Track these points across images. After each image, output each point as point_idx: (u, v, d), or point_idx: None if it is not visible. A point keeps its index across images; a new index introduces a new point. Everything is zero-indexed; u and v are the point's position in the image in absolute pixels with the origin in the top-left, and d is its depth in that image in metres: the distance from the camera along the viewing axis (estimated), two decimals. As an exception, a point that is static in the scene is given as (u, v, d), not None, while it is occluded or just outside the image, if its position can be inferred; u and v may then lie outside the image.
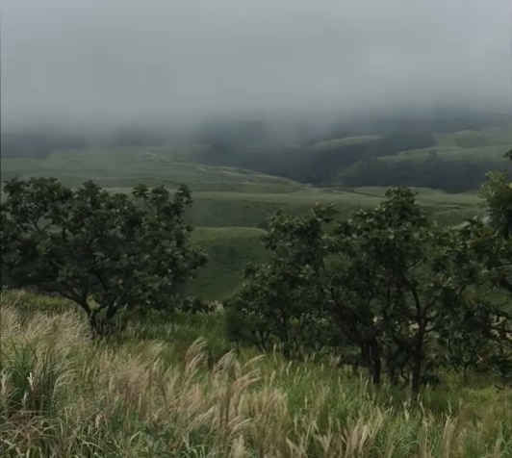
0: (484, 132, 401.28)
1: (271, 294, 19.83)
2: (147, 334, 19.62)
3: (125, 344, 10.43)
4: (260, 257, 44.74)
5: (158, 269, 17.97)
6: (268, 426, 6.13)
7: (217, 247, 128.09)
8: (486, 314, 14.14)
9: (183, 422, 5.18)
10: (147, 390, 5.46)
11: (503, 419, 8.61)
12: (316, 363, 13.14)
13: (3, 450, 4.25)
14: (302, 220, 16.71)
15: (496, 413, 10.61)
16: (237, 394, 6.57)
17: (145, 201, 19.47)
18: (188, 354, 5.88)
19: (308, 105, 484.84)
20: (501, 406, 11.30)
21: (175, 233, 19.09)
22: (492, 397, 17.07)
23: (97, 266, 17.76)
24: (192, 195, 20.35)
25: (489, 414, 10.60)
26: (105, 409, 4.79)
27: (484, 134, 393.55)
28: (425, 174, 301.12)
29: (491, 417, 9.74)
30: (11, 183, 19.03)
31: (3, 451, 4.26)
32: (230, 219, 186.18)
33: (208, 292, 79.69)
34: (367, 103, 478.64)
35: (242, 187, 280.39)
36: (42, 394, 4.62)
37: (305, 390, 8.40)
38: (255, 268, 23.19)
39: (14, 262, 18.18)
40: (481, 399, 17.17)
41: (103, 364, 6.41)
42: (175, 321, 25.61)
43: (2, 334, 5.83)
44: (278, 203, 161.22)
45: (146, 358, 6.23)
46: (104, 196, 18.85)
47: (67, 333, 5.95)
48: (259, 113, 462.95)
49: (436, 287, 14.17)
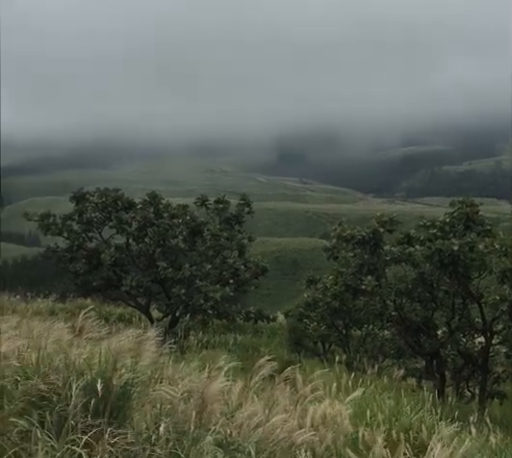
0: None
1: (333, 305, 19.71)
2: (209, 344, 19.74)
3: (188, 354, 10.52)
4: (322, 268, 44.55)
5: (220, 279, 18.05)
6: (331, 439, 6.08)
7: (278, 258, 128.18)
8: (555, 328, 13.76)
9: (246, 433, 5.18)
10: (211, 400, 5.48)
11: None
12: (379, 375, 13.00)
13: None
14: (364, 231, 16.58)
15: None
16: (299, 406, 6.55)
17: (207, 211, 19.62)
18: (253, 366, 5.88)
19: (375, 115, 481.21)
20: None
21: (237, 243, 19.14)
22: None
23: (160, 275, 17.94)
24: (253, 206, 20.37)
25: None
26: (170, 418, 4.83)
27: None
28: (490, 185, 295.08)
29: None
30: (76, 193, 19.45)
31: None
32: (291, 230, 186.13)
33: (269, 302, 79.68)
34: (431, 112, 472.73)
35: (303, 197, 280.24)
36: (114, 403, 4.69)
37: (368, 403, 8.31)
38: (317, 279, 23.09)
39: (80, 271, 18.52)
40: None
41: (167, 373, 6.48)
42: (237, 331, 25.69)
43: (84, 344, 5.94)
44: (340, 214, 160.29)
45: (210, 368, 6.25)
46: (167, 207, 19.08)
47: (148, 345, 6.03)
48: (325, 123, 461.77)
49: (502, 300, 13.87)
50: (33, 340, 6.50)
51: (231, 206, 19.93)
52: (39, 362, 5.44)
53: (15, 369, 5.35)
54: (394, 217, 16.74)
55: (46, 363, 5.42)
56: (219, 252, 18.70)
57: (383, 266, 16.71)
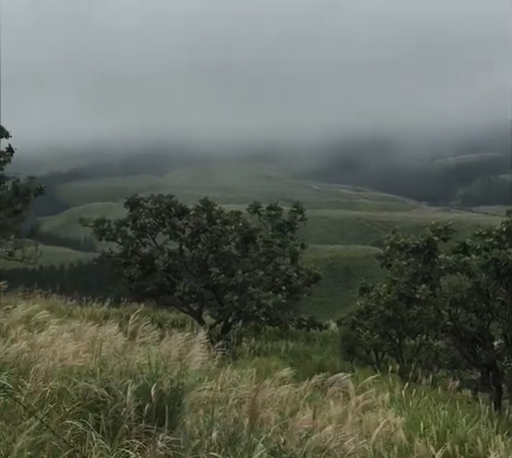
0: None
1: (387, 314, 19.50)
2: (262, 350, 19.73)
3: (240, 360, 10.53)
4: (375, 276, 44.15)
5: (272, 286, 18.04)
6: (384, 449, 5.99)
7: (331, 265, 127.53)
8: None
9: (298, 441, 5.15)
10: (264, 407, 5.47)
11: None
12: (433, 386, 12.77)
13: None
14: (418, 239, 16.38)
15: None
16: (351, 415, 6.48)
17: (259, 218, 19.64)
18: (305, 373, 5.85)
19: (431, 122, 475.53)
20: None
21: (289, 250, 19.12)
22: None
23: (213, 281, 18.02)
24: (306, 213, 20.33)
25: None
26: (223, 424, 4.83)
27: None
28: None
29: None
30: (131, 199, 19.70)
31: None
32: (345, 237, 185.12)
33: (322, 310, 79.28)
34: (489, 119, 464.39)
35: (357, 205, 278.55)
36: (167, 408, 4.71)
37: (422, 413, 8.17)
38: (370, 287, 22.88)
39: (134, 276, 18.73)
40: None
41: (221, 379, 6.49)
42: (289, 339, 25.62)
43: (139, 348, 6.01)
44: (393, 221, 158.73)
45: (262, 375, 6.25)
46: (219, 213, 19.18)
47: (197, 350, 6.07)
48: (380, 131, 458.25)
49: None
50: (88, 343, 6.59)
51: (283, 213, 19.92)
52: (95, 365, 5.50)
53: (73, 372, 5.43)
54: (449, 226, 16.50)
55: (102, 366, 5.48)
56: (272, 259, 18.70)
57: (437, 275, 16.46)
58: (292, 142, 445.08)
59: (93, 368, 5.39)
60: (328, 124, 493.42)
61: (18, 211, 21.32)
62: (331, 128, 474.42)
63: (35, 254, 22.39)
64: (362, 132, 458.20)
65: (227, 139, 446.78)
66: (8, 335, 7.09)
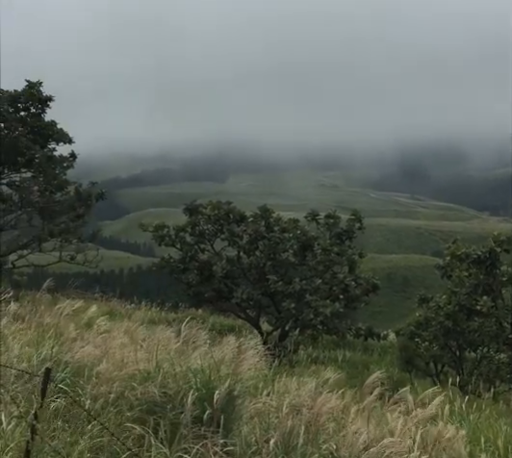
0: None
1: (446, 325, 19.12)
2: (318, 359, 19.59)
3: (297, 368, 10.47)
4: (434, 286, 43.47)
5: (329, 295, 17.90)
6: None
7: (389, 275, 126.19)
8: None
9: (356, 453, 5.07)
10: (320, 416, 5.40)
11: None
12: (494, 400, 12.46)
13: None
14: (480, 250, 16.06)
15: None
16: (411, 428, 6.34)
17: (317, 226, 19.54)
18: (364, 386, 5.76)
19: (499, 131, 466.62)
20: None
21: (347, 259, 18.95)
22: None
23: (270, 289, 17.99)
24: (364, 221, 20.12)
25: None
26: (278, 432, 4.80)
27: None
28: None
29: None
30: (190, 205, 19.85)
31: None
32: (403, 247, 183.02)
33: (380, 320, 78.46)
34: None
35: (415, 214, 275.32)
36: (223, 414, 4.71)
37: (483, 428, 7.97)
38: (429, 298, 22.46)
39: (192, 282, 18.84)
40: None
41: (277, 387, 6.45)
42: (346, 348, 25.38)
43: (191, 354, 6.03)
44: (453, 231, 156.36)
45: (320, 384, 6.18)
46: (277, 220, 19.17)
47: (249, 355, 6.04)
48: (446, 139, 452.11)
49: None
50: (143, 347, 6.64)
51: (341, 221, 19.78)
52: (152, 369, 5.54)
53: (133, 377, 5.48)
54: (511, 237, 16.13)
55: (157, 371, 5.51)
56: (330, 267, 18.57)
57: (499, 286, 16.12)
58: (352, 150, 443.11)
59: (151, 372, 5.42)
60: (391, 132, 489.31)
61: (80, 215, 21.76)
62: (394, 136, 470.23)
63: (96, 258, 22.79)
64: (426, 141, 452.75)
65: (288, 145, 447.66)
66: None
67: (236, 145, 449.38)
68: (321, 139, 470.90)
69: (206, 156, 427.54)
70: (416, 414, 6.69)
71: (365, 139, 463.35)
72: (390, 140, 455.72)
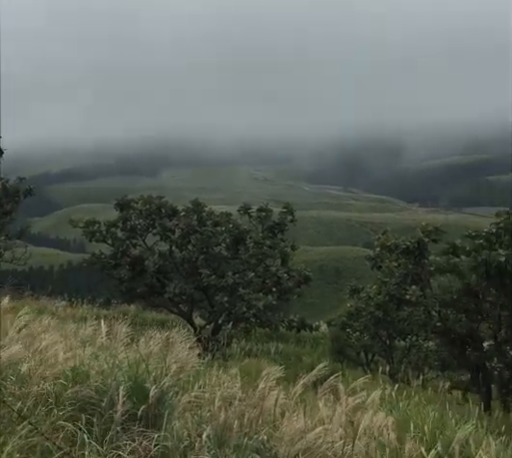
0: None
1: (377, 315, 19.55)
2: (252, 352, 19.72)
3: (230, 362, 10.52)
4: (364, 277, 44.21)
5: (262, 288, 18.01)
6: (374, 450, 5.98)
7: (321, 267, 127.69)
8: None
9: (287, 443, 5.13)
10: (253, 408, 5.44)
11: None
12: (423, 387, 12.78)
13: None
14: (409, 240, 16.41)
15: None
16: (342, 416, 6.45)
17: (250, 219, 19.61)
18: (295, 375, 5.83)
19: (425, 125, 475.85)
20: None
21: (279, 251, 19.09)
22: None
23: (203, 283, 18.00)
24: (296, 214, 20.28)
25: None
26: (211, 426, 4.81)
27: None
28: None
29: None
30: (121, 200, 19.63)
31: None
32: (334, 239, 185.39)
33: (312, 311, 79.36)
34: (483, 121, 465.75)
35: (346, 206, 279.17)
36: (154, 409, 4.69)
37: (412, 415, 8.16)
38: (360, 289, 22.92)
39: (124, 277, 18.67)
40: None
41: (210, 380, 6.46)
42: (279, 340, 25.59)
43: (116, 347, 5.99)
44: (384, 223, 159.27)
45: (251, 376, 6.22)
46: (210, 214, 19.14)
47: (178, 349, 6.03)
48: (374, 133, 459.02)
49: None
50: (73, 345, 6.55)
51: (274, 214, 19.90)
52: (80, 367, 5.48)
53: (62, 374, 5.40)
54: (439, 227, 16.53)
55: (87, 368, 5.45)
56: (262, 260, 18.68)
57: (428, 276, 16.51)
58: (289, 145, 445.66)
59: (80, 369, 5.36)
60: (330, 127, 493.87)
61: (7, 212, 21.25)
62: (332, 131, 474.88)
63: (24, 255, 22.32)
64: (362, 133, 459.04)
65: (226, 140, 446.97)
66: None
67: (173, 141, 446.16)
68: (262, 134, 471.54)
69: (141, 151, 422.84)
70: (347, 403, 6.81)
71: (303, 134, 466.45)
72: (328, 135, 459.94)
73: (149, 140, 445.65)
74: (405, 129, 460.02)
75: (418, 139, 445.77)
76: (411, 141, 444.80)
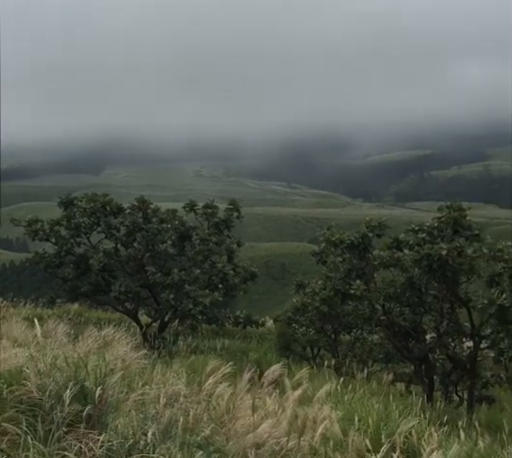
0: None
1: (322, 310, 19.68)
2: (198, 349, 19.69)
3: (176, 359, 10.49)
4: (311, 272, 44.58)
5: (209, 284, 18.02)
6: (320, 444, 6.05)
7: (267, 263, 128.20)
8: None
9: (234, 438, 5.15)
10: (198, 405, 5.45)
11: None
12: (368, 380, 12.98)
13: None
14: (353, 235, 16.58)
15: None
16: (288, 411, 6.51)
17: (196, 216, 19.58)
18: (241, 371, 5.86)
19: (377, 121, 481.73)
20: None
21: (226, 248, 19.12)
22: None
23: (149, 280, 17.91)
24: (242, 210, 20.34)
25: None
26: (156, 423, 4.80)
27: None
28: (478, 189, 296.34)
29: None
30: (64, 199, 19.36)
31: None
32: (280, 235, 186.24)
33: (259, 307, 79.66)
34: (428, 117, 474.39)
35: (292, 202, 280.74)
36: (97, 409, 4.66)
37: (357, 407, 8.29)
38: (305, 284, 23.06)
39: (68, 276, 18.44)
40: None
41: (155, 378, 6.44)
42: (226, 337, 25.62)
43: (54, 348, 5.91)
44: (329, 218, 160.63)
45: (198, 373, 6.23)
46: (155, 211, 19.02)
47: (119, 347, 5.99)
48: (330, 128, 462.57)
49: (490, 304, 13.88)
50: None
51: (220, 211, 19.91)
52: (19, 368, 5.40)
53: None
54: (382, 222, 16.74)
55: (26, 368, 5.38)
56: (208, 257, 18.68)
57: (372, 270, 16.72)
58: (237, 141, 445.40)
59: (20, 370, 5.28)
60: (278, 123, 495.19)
61: None
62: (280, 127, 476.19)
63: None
64: (312, 131, 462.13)
65: (169, 137, 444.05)
66: None
67: (118, 139, 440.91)
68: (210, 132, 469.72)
69: (85, 149, 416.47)
70: (292, 396, 6.87)
71: (252, 131, 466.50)
72: (276, 133, 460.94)
73: (93, 139, 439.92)
74: (353, 126, 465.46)
75: (365, 136, 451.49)
76: (358, 138, 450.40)
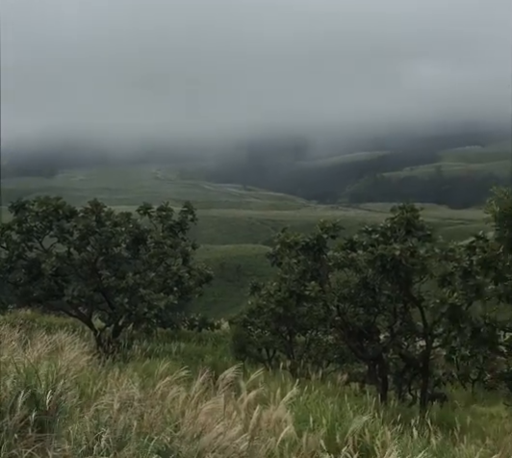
0: (489, 147, 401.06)
1: (277, 312, 19.77)
2: (153, 353, 19.56)
3: (131, 363, 10.43)
4: (266, 274, 44.70)
5: (164, 288, 17.94)
6: (275, 445, 6.08)
7: (222, 265, 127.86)
8: (493, 330, 14.05)
9: (189, 442, 5.15)
10: (153, 409, 5.43)
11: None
12: (323, 381, 13.07)
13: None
14: (308, 237, 16.70)
15: (504, 430, 10.52)
16: (243, 413, 6.53)
17: (150, 219, 19.48)
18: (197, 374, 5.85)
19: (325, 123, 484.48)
20: (510, 423, 11.21)
21: (180, 251, 19.08)
22: (500, 414, 16.94)
23: (103, 284, 17.75)
24: (197, 213, 20.32)
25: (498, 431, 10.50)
26: (110, 428, 4.77)
27: (489, 149, 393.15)
28: (430, 190, 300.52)
29: (500, 434, 9.65)
30: (15, 203, 19.08)
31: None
32: (235, 237, 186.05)
33: (215, 310, 79.51)
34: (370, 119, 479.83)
35: (247, 204, 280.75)
36: (48, 415, 4.61)
37: (312, 408, 8.34)
38: (261, 286, 23.11)
39: (20, 281, 18.17)
40: (490, 416, 17.03)
41: (109, 383, 6.39)
42: (181, 340, 25.51)
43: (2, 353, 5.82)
44: (284, 220, 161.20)
45: (152, 377, 6.20)
46: (109, 215, 18.86)
47: (71, 352, 5.93)
48: (286, 129, 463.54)
49: (442, 303, 14.11)
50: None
51: (174, 214, 19.85)
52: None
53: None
54: (337, 223, 16.91)
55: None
56: (163, 260, 18.60)
57: (326, 271, 16.87)
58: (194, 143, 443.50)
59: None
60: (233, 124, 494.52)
61: None
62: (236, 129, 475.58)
63: None
64: (268, 133, 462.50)
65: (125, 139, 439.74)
66: None
67: (71, 141, 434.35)
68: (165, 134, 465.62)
69: (36, 152, 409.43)
70: (247, 398, 6.89)
71: (207, 134, 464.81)
72: (232, 135, 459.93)
73: (47, 140, 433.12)
74: (309, 127, 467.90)
75: (321, 138, 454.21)
76: (314, 140, 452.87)
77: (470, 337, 13.92)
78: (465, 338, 14.15)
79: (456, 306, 13.88)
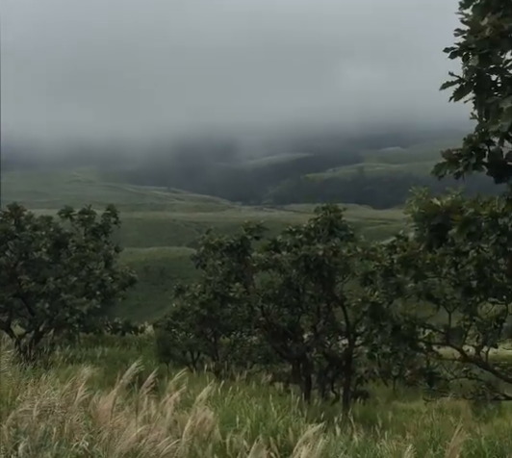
0: (409, 149, 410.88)
1: (202, 314, 19.78)
2: (76, 358, 19.27)
3: (52, 370, 10.23)
4: (190, 276, 44.54)
5: (86, 292, 17.66)
6: (199, 447, 6.09)
7: (146, 268, 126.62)
8: (413, 327, 14.39)
9: (111, 446, 5.09)
10: (74, 415, 5.35)
11: (431, 431, 8.78)
12: (247, 381, 13.13)
13: None
14: (232, 238, 16.79)
15: (424, 425, 10.81)
16: (167, 415, 6.50)
17: (72, 223, 19.15)
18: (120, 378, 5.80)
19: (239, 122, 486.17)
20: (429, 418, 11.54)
21: (103, 254, 18.82)
22: (420, 410, 17.39)
23: (22, 290, 17.35)
24: (120, 216, 20.09)
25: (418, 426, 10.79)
26: (29, 436, 4.68)
27: (409, 150, 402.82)
28: (353, 191, 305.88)
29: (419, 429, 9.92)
30: None
31: None
32: (160, 239, 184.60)
33: (139, 313, 78.62)
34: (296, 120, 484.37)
35: (171, 206, 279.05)
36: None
37: (237, 409, 8.38)
38: (185, 288, 23.06)
39: None
40: (410, 412, 17.46)
41: (29, 390, 6.26)
42: (105, 344, 25.19)
43: None
44: (208, 222, 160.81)
45: (74, 383, 6.11)
46: (29, 218, 18.45)
47: None
48: (214, 130, 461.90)
49: (364, 301, 14.37)
50: None
51: (97, 217, 19.57)
52: None
53: None
54: (261, 224, 17.06)
55: None
56: (85, 264, 18.31)
57: (251, 272, 16.99)
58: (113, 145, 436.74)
59: None
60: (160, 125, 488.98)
61: None
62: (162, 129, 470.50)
63: None
64: (193, 134, 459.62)
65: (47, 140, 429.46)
66: None
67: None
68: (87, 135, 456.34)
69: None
70: (170, 400, 6.86)
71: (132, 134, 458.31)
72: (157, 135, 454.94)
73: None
74: (237, 128, 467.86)
75: (249, 138, 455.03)
76: (242, 140, 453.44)
77: (390, 334, 14.21)
78: (386, 335, 14.43)
79: (377, 304, 14.16)
